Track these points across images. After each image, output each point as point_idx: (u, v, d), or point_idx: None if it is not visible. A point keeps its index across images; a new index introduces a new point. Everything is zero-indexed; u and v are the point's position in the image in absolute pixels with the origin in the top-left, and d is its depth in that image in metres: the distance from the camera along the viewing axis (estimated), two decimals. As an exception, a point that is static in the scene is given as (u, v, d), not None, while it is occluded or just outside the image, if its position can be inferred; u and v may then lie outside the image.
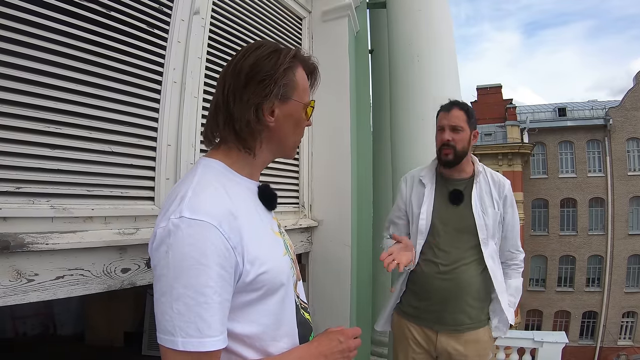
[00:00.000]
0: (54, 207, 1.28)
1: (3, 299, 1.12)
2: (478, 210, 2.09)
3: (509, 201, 2.15)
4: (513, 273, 2.20)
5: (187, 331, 0.82)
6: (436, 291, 2.08)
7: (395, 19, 3.28)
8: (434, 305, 2.10)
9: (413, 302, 2.18)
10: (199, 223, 0.86)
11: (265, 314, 1.00)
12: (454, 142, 2.08)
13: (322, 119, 2.73)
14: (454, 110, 2.12)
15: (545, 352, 4.77)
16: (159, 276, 0.87)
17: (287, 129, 1.10)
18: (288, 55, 1.06)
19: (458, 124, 2.10)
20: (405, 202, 2.28)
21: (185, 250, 0.84)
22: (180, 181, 1.04)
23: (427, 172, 2.26)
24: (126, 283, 1.44)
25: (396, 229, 2.31)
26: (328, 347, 1.07)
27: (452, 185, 2.17)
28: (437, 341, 2.09)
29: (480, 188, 2.14)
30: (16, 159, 1.20)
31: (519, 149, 22.89)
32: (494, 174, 2.22)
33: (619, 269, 22.24)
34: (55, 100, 1.30)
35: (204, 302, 0.83)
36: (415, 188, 2.26)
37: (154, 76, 1.66)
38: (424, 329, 2.14)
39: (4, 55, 1.17)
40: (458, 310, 2.07)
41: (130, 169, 1.54)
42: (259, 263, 0.95)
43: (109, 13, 1.47)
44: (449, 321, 2.08)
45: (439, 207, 2.16)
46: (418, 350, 2.16)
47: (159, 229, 0.89)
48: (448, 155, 2.09)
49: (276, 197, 1.19)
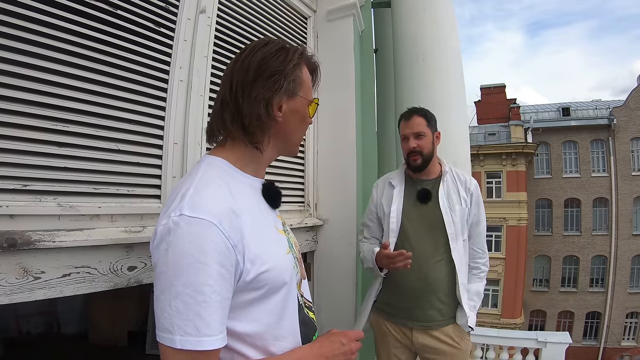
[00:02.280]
0: (61, 204, 1.29)
1: (10, 296, 1.12)
2: (445, 207, 2.17)
3: (474, 198, 2.23)
4: (474, 278, 2.25)
5: (185, 329, 0.82)
6: (408, 288, 2.16)
7: (399, 18, 3.27)
8: (406, 302, 2.17)
9: (387, 300, 2.25)
10: (199, 221, 0.85)
11: (267, 313, 0.99)
12: (419, 147, 2.19)
13: (328, 118, 2.73)
14: (414, 118, 2.23)
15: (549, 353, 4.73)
16: (158, 274, 0.86)
17: (293, 125, 1.11)
18: (296, 53, 1.07)
19: (420, 130, 2.20)
20: (376, 204, 2.36)
21: (184, 248, 0.84)
22: (183, 179, 1.04)
23: (397, 175, 2.35)
24: (132, 281, 1.44)
25: (369, 231, 2.40)
26: (330, 349, 1.06)
27: (420, 185, 2.26)
28: (413, 337, 2.16)
29: (447, 186, 2.23)
30: (23, 157, 1.21)
31: (522, 149, 22.79)
32: (460, 173, 2.31)
33: (623, 269, 22.12)
34: (62, 98, 1.30)
35: (202, 300, 0.83)
36: (385, 191, 2.34)
37: (161, 75, 1.67)
38: (400, 327, 2.21)
39: (9, 53, 1.17)
40: (428, 306, 2.14)
41: (136, 167, 1.55)
42: (260, 262, 0.94)
43: (115, 12, 1.47)
44: (421, 317, 2.15)
45: (407, 206, 2.25)
46: (398, 345, 2.23)
47: (160, 226, 0.89)
48: (417, 160, 2.20)
49: (280, 195, 1.18)
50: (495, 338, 4.88)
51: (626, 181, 22.46)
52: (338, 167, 2.76)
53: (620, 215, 22.35)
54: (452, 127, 2.77)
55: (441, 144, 2.31)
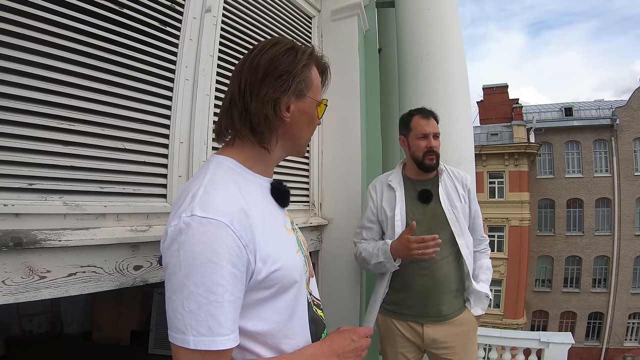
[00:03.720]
0: (67, 203, 1.29)
1: (15, 295, 1.12)
2: (447, 205, 2.21)
3: (472, 193, 2.32)
4: (482, 256, 2.35)
5: (199, 330, 0.82)
6: (418, 288, 2.18)
7: (403, 18, 3.26)
8: (416, 300, 2.19)
9: (396, 300, 2.26)
10: (211, 221, 0.85)
11: (278, 311, 0.99)
12: (436, 148, 2.22)
13: (333, 118, 2.73)
14: (432, 119, 2.26)
15: (551, 353, 4.73)
16: (170, 274, 0.86)
17: (301, 126, 1.11)
18: (305, 53, 1.07)
19: (438, 131, 2.25)
20: (377, 207, 2.35)
21: (196, 249, 0.84)
22: (191, 179, 1.04)
23: (394, 176, 2.36)
24: (138, 280, 1.44)
25: (369, 233, 2.38)
26: (340, 345, 1.06)
27: (420, 186, 2.28)
28: (424, 332, 2.17)
29: (445, 185, 2.27)
30: (29, 156, 1.21)
31: (525, 149, 22.76)
32: (454, 170, 2.35)
33: (625, 270, 22.09)
34: (68, 96, 1.30)
35: (215, 300, 0.83)
36: (385, 193, 2.34)
37: (167, 74, 1.66)
38: (409, 323, 2.21)
39: (16, 52, 1.17)
40: (440, 302, 2.17)
41: (142, 166, 1.55)
42: (271, 261, 0.94)
43: (121, 10, 1.47)
44: (432, 313, 2.17)
45: (410, 207, 2.26)
46: (405, 344, 2.23)
47: (171, 227, 0.88)
48: (433, 160, 2.21)
49: (289, 194, 1.18)
50: (497, 338, 4.87)
51: (629, 181, 22.44)
52: (343, 167, 2.76)
53: (622, 216, 22.33)
54: (457, 127, 2.77)
55: (446, 144, 2.34)
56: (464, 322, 2.20)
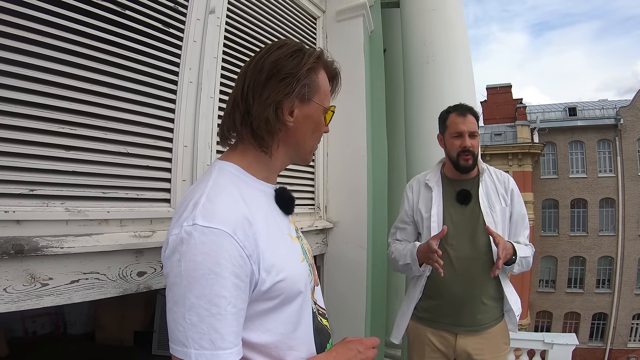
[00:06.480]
0: (69, 209, 1.26)
1: (17, 303, 1.11)
2: (486, 207, 2.09)
3: (515, 196, 2.16)
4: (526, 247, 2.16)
5: (200, 343, 0.80)
6: (453, 295, 2.06)
7: (408, 18, 3.24)
8: (451, 308, 2.08)
9: (430, 307, 2.16)
10: (213, 231, 0.83)
11: (282, 322, 0.97)
12: (472, 148, 2.08)
13: (338, 119, 2.69)
14: (469, 116, 2.12)
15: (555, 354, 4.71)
16: (171, 285, 0.84)
17: (305, 131, 1.07)
18: (312, 56, 1.03)
19: (475, 130, 2.10)
20: (412, 207, 2.26)
21: (198, 260, 0.81)
22: (193, 185, 1.01)
23: (432, 175, 2.26)
24: (142, 287, 1.42)
25: (403, 234, 2.31)
26: (346, 357, 1.04)
27: (459, 186, 2.17)
28: (457, 343, 2.08)
29: (486, 186, 2.15)
30: (30, 161, 1.18)
31: (529, 149, 22.76)
32: (496, 170, 2.24)
33: (629, 270, 22.05)
34: (70, 100, 1.28)
35: (217, 313, 0.81)
36: (422, 193, 2.25)
37: (170, 76, 1.64)
38: (442, 332, 2.12)
39: (17, 55, 1.15)
40: (476, 310, 2.05)
41: (145, 170, 1.52)
42: (275, 271, 0.92)
43: (123, 12, 1.45)
44: (468, 322, 2.06)
45: (448, 208, 2.15)
46: (435, 355, 2.14)
47: (172, 236, 0.86)
48: (468, 160, 2.09)
49: (294, 201, 1.15)
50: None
51: (633, 181, 22.40)
52: (348, 170, 2.73)
53: (627, 216, 22.30)
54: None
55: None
56: (497, 334, 2.10)
